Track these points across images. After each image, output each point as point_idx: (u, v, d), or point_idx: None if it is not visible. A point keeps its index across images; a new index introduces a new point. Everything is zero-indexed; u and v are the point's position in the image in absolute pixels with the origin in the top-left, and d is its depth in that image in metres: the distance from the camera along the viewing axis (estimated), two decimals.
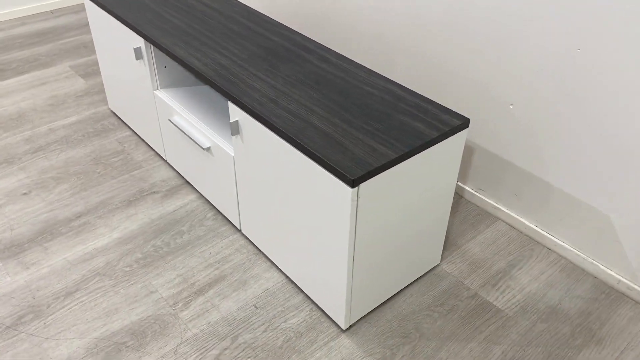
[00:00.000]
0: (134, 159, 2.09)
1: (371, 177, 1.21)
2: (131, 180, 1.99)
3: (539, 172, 1.68)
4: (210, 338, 1.47)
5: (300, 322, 1.51)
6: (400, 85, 1.52)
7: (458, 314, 1.54)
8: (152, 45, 1.79)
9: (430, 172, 1.38)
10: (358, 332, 1.49)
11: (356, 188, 1.20)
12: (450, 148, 1.39)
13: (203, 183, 1.85)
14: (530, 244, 1.77)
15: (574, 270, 1.68)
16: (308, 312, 1.54)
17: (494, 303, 1.58)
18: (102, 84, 2.54)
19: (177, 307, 1.54)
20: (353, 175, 1.18)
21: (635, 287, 1.58)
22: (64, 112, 2.36)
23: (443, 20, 1.73)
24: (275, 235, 1.58)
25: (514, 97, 1.65)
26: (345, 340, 1.47)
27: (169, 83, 1.91)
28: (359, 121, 1.36)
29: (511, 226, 1.83)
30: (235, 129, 1.50)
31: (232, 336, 1.47)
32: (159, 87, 1.89)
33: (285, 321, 1.51)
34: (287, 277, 1.64)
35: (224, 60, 1.61)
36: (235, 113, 1.48)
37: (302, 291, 1.60)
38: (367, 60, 2.06)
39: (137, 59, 1.84)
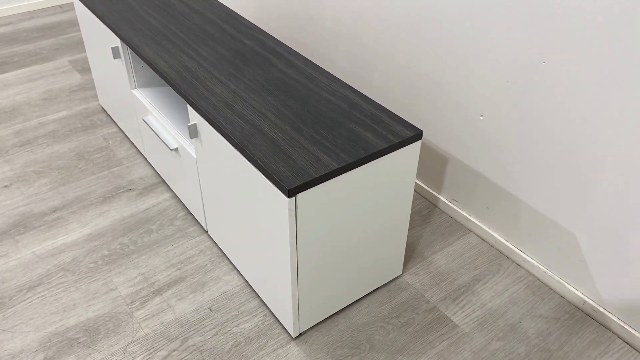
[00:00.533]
0: (116, 156, 2.12)
1: (310, 188, 1.20)
2: (110, 176, 2.02)
3: (508, 186, 1.64)
4: (161, 339, 1.48)
5: (252, 328, 1.51)
6: (361, 93, 1.50)
7: (413, 327, 1.52)
8: (127, 45, 1.81)
9: (380, 183, 1.36)
10: (308, 341, 1.48)
11: (293, 198, 1.19)
12: (402, 160, 1.36)
13: (175, 183, 1.87)
14: (499, 258, 1.73)
15: (540, 288, 1.63)
16: (261, 318, 1.54)
17: (452, 318, 1.55)
18: None
19: (133, 306, 1.56)
20: (289, 185, 1.17)
21: (600, 308, 1.52)
22: (55, 106, 2.41)
23: (416, 29, 1.70)
24: (234, 239, 1.58)
25: (484, 108, 1.61)
26: (294, 349, 1.46)
27: (145, 82, 1.93)
28: (309, 129, 1.35)
29: (482, 239, 1.79)
30: (193, 132, 1.51)
31: (182, 338, 1.48)
32: (136, 86, 1.91)
33: (237, 325, 1.52)
34: (246, 281, 1.64)
35: (190, 62, 1.62)
36: (194, 116, 1.49)
37: (258, 296, 1.60)
38: (345, 67, 2.04)
39: (114, 57, 1.86)
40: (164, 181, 2.01)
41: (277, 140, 1.31)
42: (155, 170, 2.05)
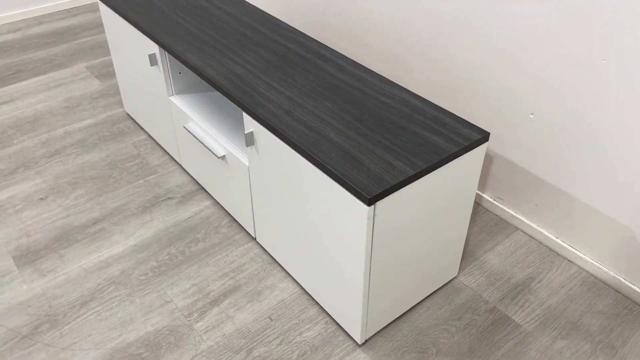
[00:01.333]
0: (149, 164, 2.09)
1: (388, 195, 1.19)
2: (146, 185, 1.99)
3: (559, 183, 1.64)
4: (225, 351, 1.46)
5: (316, 336, 1.50)
6: (418, 95, 1.48)
7: (476, 329, 1.52)
8: (166, 52, 1.77)
9: (449, 187, 1.35)
10: (374, 347, 1.47)
11: (372, 206, 1.17)
12: (469, 162, 1.35)
13: (218, 190, 1.84)
14: (549, 255, 1.73)
15: (595, 284, 1.64)
16: (323, 325, 1.52)
17: (513, 317, 1.55)
18: (117, 86, 2.54)
19: (191, 318, 1.54)
20: (370, 194, 1.16)
21: None
22: (79, 114, 2.36)
23: (463, 27, 1.69)
24: (290, 246, 1.56)
25: (535, 106, 1.60)
26: (361, 355, 1.45)
27: (183, 89, 1.89)
28: (375, 135, 1.33)
29: (530, 237, 1.80)
30: (250, 140, 1.48)
31: (246, 349, 1.46)
32: (173, 93, 1.88)
33: (300, 334, 1.50)
34: (302, 288, 1.62)
35: (238, 69, 1.59)
36: (250, 124, 1.46)
37: (317, 303, 1.58)
38: (382, 67, 2.03)
39: (151, 65, 1.83)
40: (202, 188, 1.98)
41: (345, 147, 1.29)
42: (193, 178, 2.02)
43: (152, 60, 1.82)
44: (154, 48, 1.79)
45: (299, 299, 1.60)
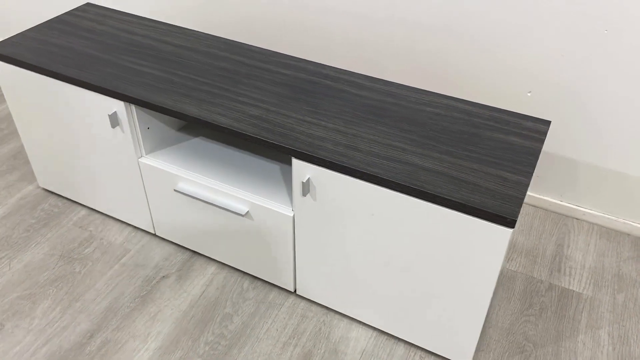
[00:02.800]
0: (112, 243, 1.71)
1: (518, 209, 1.12)
2: (126, 270, 1.63)
3: (558, 151, 1.73)
4: None
5: None
6: (459, 98, 1.42)
7: (550, 311, 1.54)
8: (134, 108, 1.44)
9: None
10: None
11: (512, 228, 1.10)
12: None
13: (227, 251, 1.58)
14: (561, 219, 1.83)
15: (610, 234, 1.78)
16: (419, 359, 1.41)
17: (571, 288, 1.61)
18: (15, 158, 2.02)
19: None
20: (512, 215, 1.08)
21: None
22: None
23: (455, 3, 1.66)
24: (358, 289, 1.41)
25: (533, 84, 1.65)
26: None
27: (154, 146, 1.57)
28: (458, 149, 1.24)
29: (535, 206, 1.88)
30: (306, 188, 1.28)
31: None
32: (144, 154, 1.54)
33: None
34: (375, 329, 1.48)
35: (253, 110, 1.36)
36: (305, 170, 1.26)
37: (399, 339, 1.46)
38: (363, 66, 1.92)
39: (112, 126, 1.47)
40: (196, 254, 1.68)
41: (443, 171, 1.18)
42: (179, 245, 1.70)
43: (114, 121, 1.46)
44: (115, 105, 1.44)
45: (379, 342, 1.45)
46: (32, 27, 1.68)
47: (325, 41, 1.89)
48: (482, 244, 1.14)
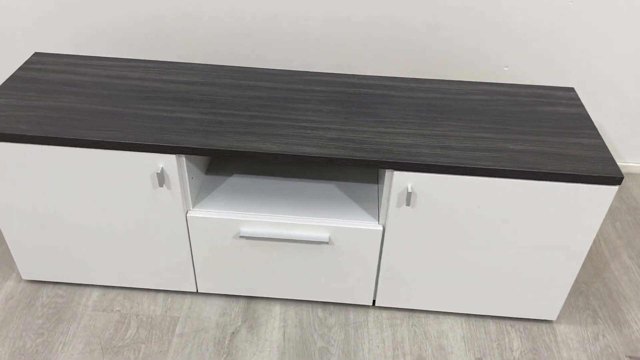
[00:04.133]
0: (153, 316, 1.50)
1: None
2: (189, 340, 1.45)
3: None
4: None
5: (520, 345, 1.48)
6: (488, 82, 1.52)
7: None
8: (184, 160, 1.28)
9: None
10: (570, 321, 1.55)
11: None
12: None
13: (292, 285, 1.49)
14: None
15: None
16: (519, 331, 1.51)
17: None
18: None
19: None
20: (618, 174, 1.21)
21: None
22: None
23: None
24: (445, 283, 1.45)
25: (508, 59, 1.83)
26: (561, 328, 1.52)
27: (197, 197, 1.41)
28: (528, 127, 1.35)
29: None
30: (409, 198, 1.28)
31: None
32: (190, 207, 1.38)
33: (510, 351, 1.46)
34: (466, 314, 1.53)
35: (326, 133, 1.30)
36: (407, 179, 1.26)
37: (487, 316, 1.54)
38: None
39: (160, 185, 1.29)
40: (252, 298, 1.56)
41: (537, 150, 1.27)
42: (230, 296, 1.55)
43: (161, 178, 1.29)
44: (162, 160, 1.27)
45: (472, 325, 1.52)
46: None
47: (309, 49, 1.86)
48: (588, 206, 1.27)
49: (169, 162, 1.27)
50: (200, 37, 1.83)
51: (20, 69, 1.49)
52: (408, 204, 1.29)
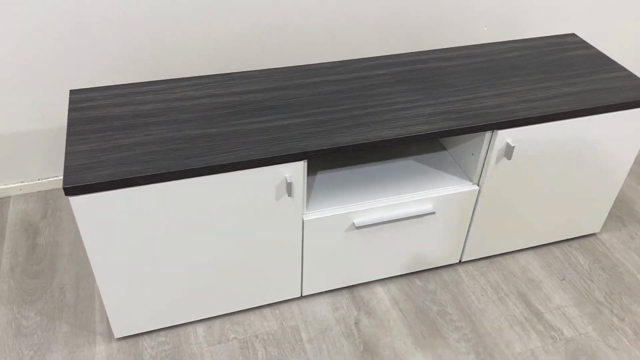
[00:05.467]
0: (273, 333, 1.46)
1: None
2: (320, 343, 1.44)
3: None
4: None
5: (584, 258, 1.71)
6: (504, 41, 1.70)
7: None
8: (306, 165, 1.27)
9: None
10: (607, 229, 1.81)
11: None
12: None
13: (391, 263, 1.56)
14: None
15: None
16: (578, 248, 1.74)
17: None
18: (52, 315, 1.42)
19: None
20: None
21: None
22: None
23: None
24: (521, 224, 1.63)
25: (488, 20, 2.03)
26: (603, 237, 1.78)
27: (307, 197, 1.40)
28: (569, 73, 1.55)
29: None
30: (509, 152, 1.41)
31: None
32: (305, 211, 1.37)
33: (582, 265, 1.68)
34: (529, 249, 1.72)
35: (422, 109, 1.38)
36: (506, 136, 1.39)
37: (552, 244, 1.74)
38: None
39: (289, 194, 1.27)
40: (353, 287, 1.58)
41: (592, 89, 1.48)
42: (331, 291, 1.56)
43: (289, 188, 1.26)
44: (288, 170, 1.25)
45: (541, 256, 1.71)
46: (70, 147, 1.22)
47: (319, 40, 1.87)
48: (636, 129, 1.51)
49: (296, 170, 1.26)
50: (213, 47, 1.76)
51: (72, 110, 1.33)
52: (509, 158, 1.42)
